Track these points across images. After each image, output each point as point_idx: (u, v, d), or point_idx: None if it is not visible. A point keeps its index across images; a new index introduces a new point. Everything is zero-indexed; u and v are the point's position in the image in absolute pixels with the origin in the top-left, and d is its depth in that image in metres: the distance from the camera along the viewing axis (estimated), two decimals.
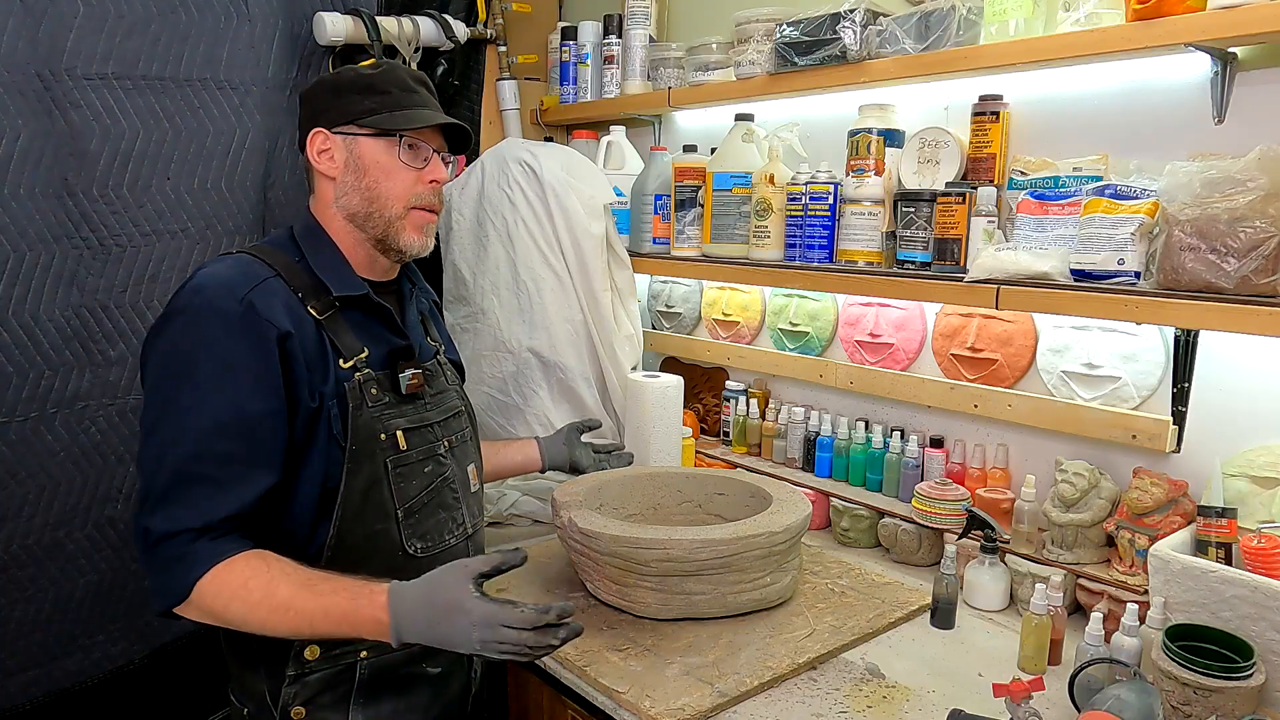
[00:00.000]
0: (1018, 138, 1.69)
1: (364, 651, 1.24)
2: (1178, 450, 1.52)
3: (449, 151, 1.34)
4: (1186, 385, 1.49)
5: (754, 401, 2.22)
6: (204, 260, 1.77)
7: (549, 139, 2.54)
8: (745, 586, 1.48)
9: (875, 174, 1.79)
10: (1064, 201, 1.51)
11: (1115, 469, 1.60)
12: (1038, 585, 1.41)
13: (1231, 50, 1.38)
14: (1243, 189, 1.26)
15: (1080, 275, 1.45)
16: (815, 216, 1.86)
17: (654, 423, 1.96)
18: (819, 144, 1.98)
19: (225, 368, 1.13)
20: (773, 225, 1.95)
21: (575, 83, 2.47)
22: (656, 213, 2.24)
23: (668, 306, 2.46)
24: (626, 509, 1.75)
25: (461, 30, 2.29)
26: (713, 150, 2.12)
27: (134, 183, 1.77)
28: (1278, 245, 1.23)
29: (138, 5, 1.74)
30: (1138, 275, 1.40)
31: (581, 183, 2.10)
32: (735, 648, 1.41)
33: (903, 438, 1.91)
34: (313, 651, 1.21)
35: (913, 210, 1.70)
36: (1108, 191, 1.43)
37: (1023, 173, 1.62)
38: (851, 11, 1.69)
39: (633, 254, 2.23)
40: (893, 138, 1.81)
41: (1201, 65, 1.41)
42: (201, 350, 1.13)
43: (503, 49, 2.45)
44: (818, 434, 2.05)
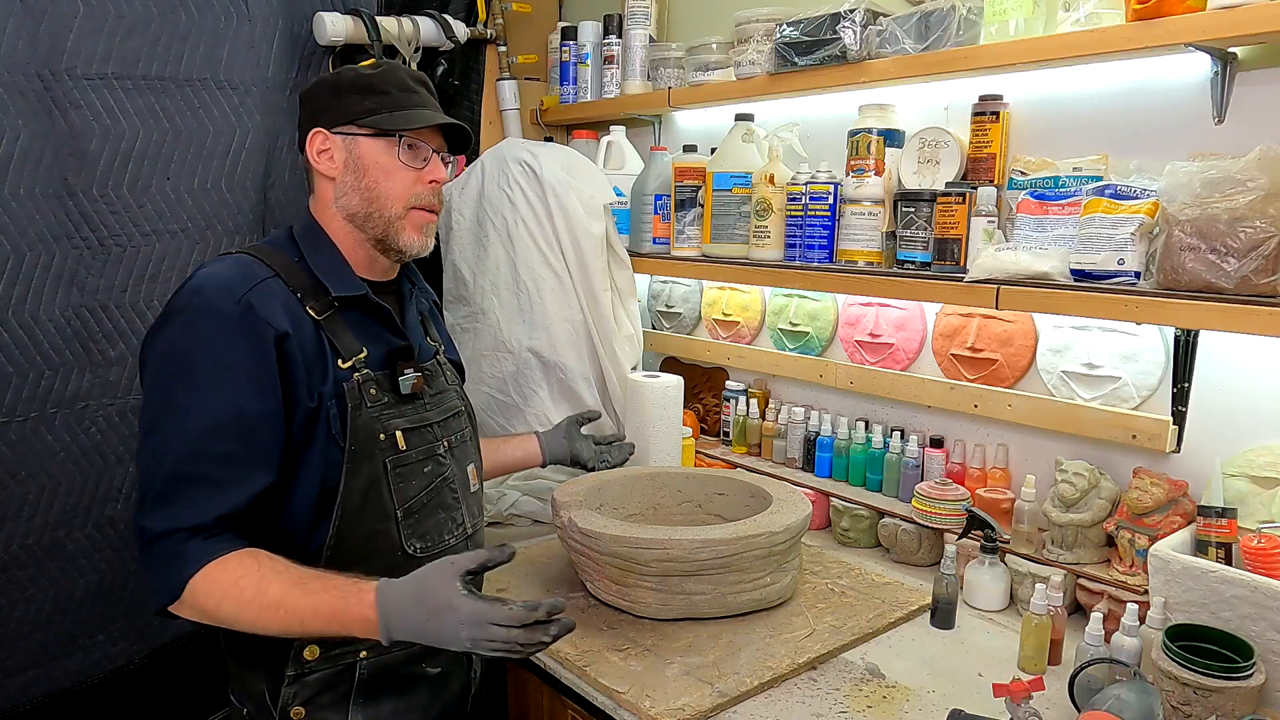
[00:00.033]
0: (1018, 138, 1.69)
1: (363, 652, 1.24)
2: (1178, 450, 1.52)
3: (449, 151, 1.34)
4: (1186, 385, 1.49)
5: (754, 401, 2.22)
6: (204, 260, 1.77)
7: (549, 139, 2.54)
8: (745, 586, 1.48)
9: (875, 174, 1.79)
10: (1064, 201, 1.50)
11: (1115, 469, 1.60)
12: (1038, 585, 1.41)
13: (1231, 50, 1.38)
14: (1243, 189, 1.26)
15: (1080, 275, 1.45)
16: (815, 216, 1.86)
17: (654, 423, 1.96)
18: (819, 144, 1.98)
19: (223, 368, 1.13)
20: (773, 225, 1.95)
21: (575, 83, 2.47)
22: (656, 213, 2.24)
23: (668, 306, 2.46)
24: (626, 509, 1.75)
25: (461, 30, 2.29)
26: (713, 150, 2.12)
27: (134, 183, 1.77)
28: (1278, 245, 1.23)
29: (138, 5, 1.74)
30: (1138, 275, 1.40)
31: (581, 183, 2.10)
32: (735, 648, 1.41)
33: (903, 438, 1.91)
34: (312, 651, 1.21)
35: (913, 210, 1.70)
36: (1108, 191, 1.43)
37: (1023, 173, 1.62)
38: (851, 11, 1.69)
39: (633, 254, 2.23)
40: (893, 138, 1.81)
41: (1201, 65, 1.41)
42: (199, 350, 1.13)
43: (503, 49, 2.45)
44: (818, 434, 2.05)
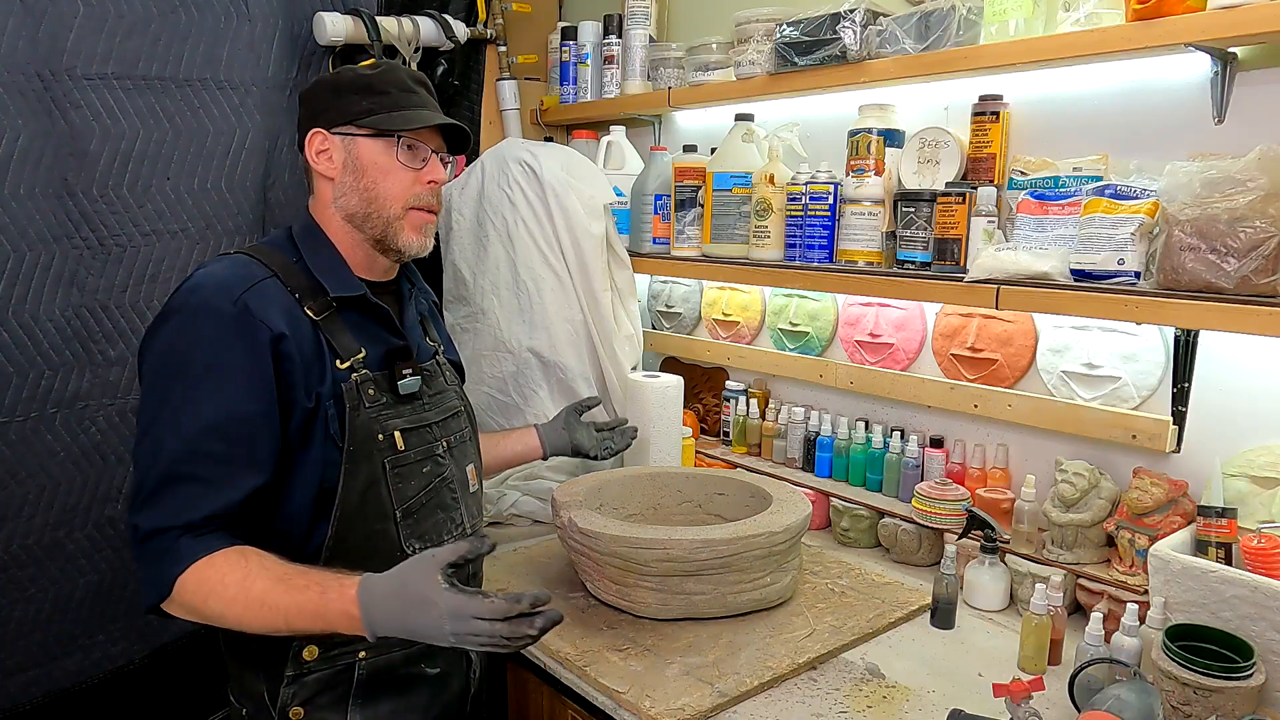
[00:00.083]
0: (1018, 138, 1.69)
1: (362, 652, 1.24)
2: (1178, 450, 1.52)
3: (448, 152, 1.34)
4: (1186, 385, 1.49)
5: (754, 401, 2.22)
6: (204, 260, 1.77)
7: (549, 139, 2.54)
8: (745, 586, 1.48)
9: (875, 174, 1.79)
10: (1064, 201, 1.50)
11: (1115, 469, 1.60)
12: (1038, 585, 1.41)
13: (1231, 50, 1.38)
14: (1243, 189, 1.26)
15: (1080, 275, 1.45)
16: (815, 216, 1.86)
17: (654, 423, 1.96)
18: (819, 144, 1.98)
19: (218, 368, 1.13)
20: (773, 225, 1.95)
21: (575, 83, 2.46)
22: (656, 213, 2.24)
23: (668, 306, 2.46)
24: (626, 509, 1.75)
25: (461, 30, 2.29)
26: (713, 150, 2.12)
27: (134, 183, 1.77)
28: (1278, 245, 1.23)
29: (138, 5, 1.74)
30: (1138, 275, 1.39)
31: (581, 183, 2.10)
32: (735, 648, 1.41)
33: (903, 438, 1.91)
34: (311, 652, 1.21)
35: (913, 210, 1.70)
36: (1108, 191, 1.43)
37: (1023, 173, 1.62)
38: (851, 11, 1.69)
39: (633, 254, 2.23)
40: (893, 138, 1.81)
41: (1201, 65, 1.41)
42: (195, 350, 1.13)
43: (503, 49, 2.45)
44: (818, 434, 2.05)
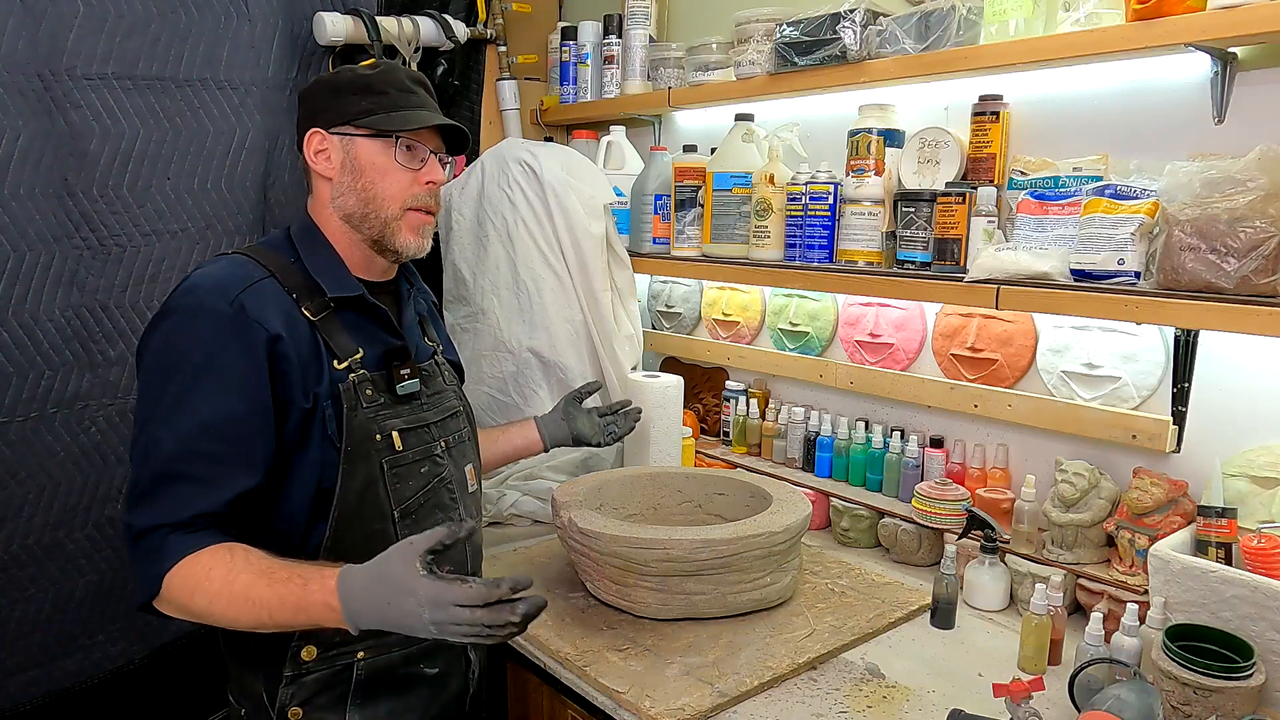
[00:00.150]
0: (1018, 138, 1.69)
1: (361, 653, 1.24)
2: (1178, 450, 1.52)
3: (446, 152, 1.33)
4: (1186, 385, 1.49)
5: (754, 401, 2.22)
6: (203, 260, 1.77)
7: (549, 139, 2.54)
8: (745, 586, 1.48)
9: (875, 174, 1.79)
10: (1064, 201, 1.50)
11: (1115, 469, 1.60)
12: (1038, 585, 1.40)
13: (1231, 50, 1.37)
14: (1243, 189, 1.26)
15: (1080, 275, 1.45)
16: (815, 216, 1.86)
17: (654, 423, 1.96)
18: (819, 144, 1.98)
19: (213, 369, 1.13)
20: (773, 225, 1.95)
21: (575, 83, 2.46)
22: (656, 213, 2.24)
23: (668, 306, 2.46)
24: (626, 509, 1.75)
25: (461, 30, 2.29)
26: (713, 150, 2.12)
27: (134, 183, 1.77)
28: (1278, 245, 1.23)
29: (138, 5, 1.74)
30: (1138, 275, 1.39)
31: (581, 183, 2.10)
32: (735, 648, 1.41)
33: (903, 438, 1.91)
34: (309, 652, 1.21)
35: (913, 210, 1.70)
36: (1108, 191, 1.43)
37: (1023, 173, 1.62)
38: (851, 11, 1.69)
39: (633, 254, 2.23)
40: (893, 138, 1.81)
41: (1201, 65, 1.41)
42: (191, 350, 1.13)
43: (503, 49, 2.45)
44: (818, 434, 2.05)
